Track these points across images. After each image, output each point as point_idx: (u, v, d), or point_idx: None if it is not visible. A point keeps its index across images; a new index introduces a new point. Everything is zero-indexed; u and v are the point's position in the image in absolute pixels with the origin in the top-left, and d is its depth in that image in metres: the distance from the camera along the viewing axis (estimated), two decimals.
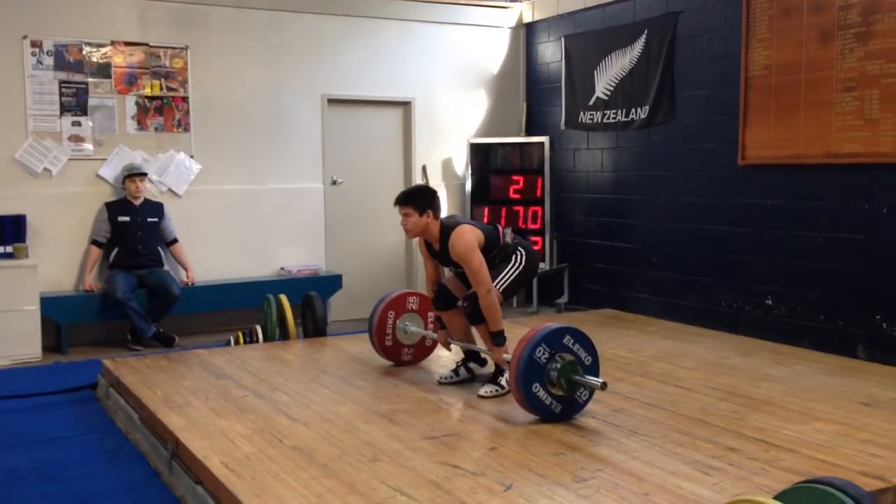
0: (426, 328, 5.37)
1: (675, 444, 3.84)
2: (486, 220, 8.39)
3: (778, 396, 4.63)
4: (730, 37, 6.64)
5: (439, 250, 4.75)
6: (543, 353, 4.12)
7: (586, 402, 4.26)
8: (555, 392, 4.14)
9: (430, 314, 5.32)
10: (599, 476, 3.45)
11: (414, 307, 5.39)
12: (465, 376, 4.97)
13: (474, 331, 4.95)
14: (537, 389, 4.11)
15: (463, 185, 8.73)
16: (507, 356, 4.47)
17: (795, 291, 6.21)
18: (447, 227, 4.66)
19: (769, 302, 6.40)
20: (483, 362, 5.08)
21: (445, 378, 4.97)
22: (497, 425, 4.18)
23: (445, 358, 5.58)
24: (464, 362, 5.03)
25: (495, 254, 4.70)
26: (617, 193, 7.89)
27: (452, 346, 5.15)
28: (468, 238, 4.57)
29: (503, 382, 4.66)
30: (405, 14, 8.39)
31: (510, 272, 4.71)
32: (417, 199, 4.67)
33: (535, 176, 8.32)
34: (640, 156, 7.62)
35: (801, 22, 6.08)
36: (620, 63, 7.76)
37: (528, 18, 8.90)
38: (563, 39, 8.43)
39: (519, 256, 4.75)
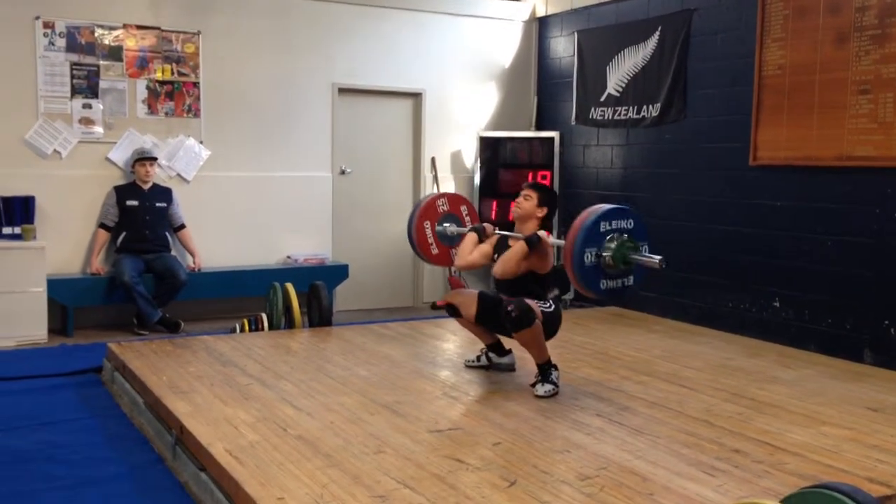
0: (464, 225, 5.42)
1: (681, 444, 3.83)
2: (493, 214, 8.40)
3: (784, 399, 4.62)
4: (744, 36, 6.60)
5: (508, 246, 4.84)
6: (591, 257, 4.30)
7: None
8: (616, 271, 4.37)
9: (464, 208, 5.45)
10: (603, 474, 3.44)
11: (445, 209, 5.44)
12: (485, 363, 5.14)
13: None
14: (604, 284, 4.31)
15: (471, 179, 8.72)
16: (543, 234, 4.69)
17: (803, 294, 6.19)
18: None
19: (776, 304, 6.38)
20: (503, 352, 5.13)
21: (471, 361, 5.21)
22: (502, 420, 4.17)
23: (474, 344, 5.40)
24: (485, 352, 5.18)
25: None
26: (626, 191, 7.86)
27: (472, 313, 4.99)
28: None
29: (555, 379, 4.66)
30: (418, 4, 8.36)
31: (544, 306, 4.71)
32: (545, 192, 4.95)
33: (544, 171, 8.30)
34: (651, 153, 7.59)
35: (817, 22, 6.04)
36: (633, 59, 7.72)
37: (541, 12, 8.86)
38: (575, 34, 8.39)
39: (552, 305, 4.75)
